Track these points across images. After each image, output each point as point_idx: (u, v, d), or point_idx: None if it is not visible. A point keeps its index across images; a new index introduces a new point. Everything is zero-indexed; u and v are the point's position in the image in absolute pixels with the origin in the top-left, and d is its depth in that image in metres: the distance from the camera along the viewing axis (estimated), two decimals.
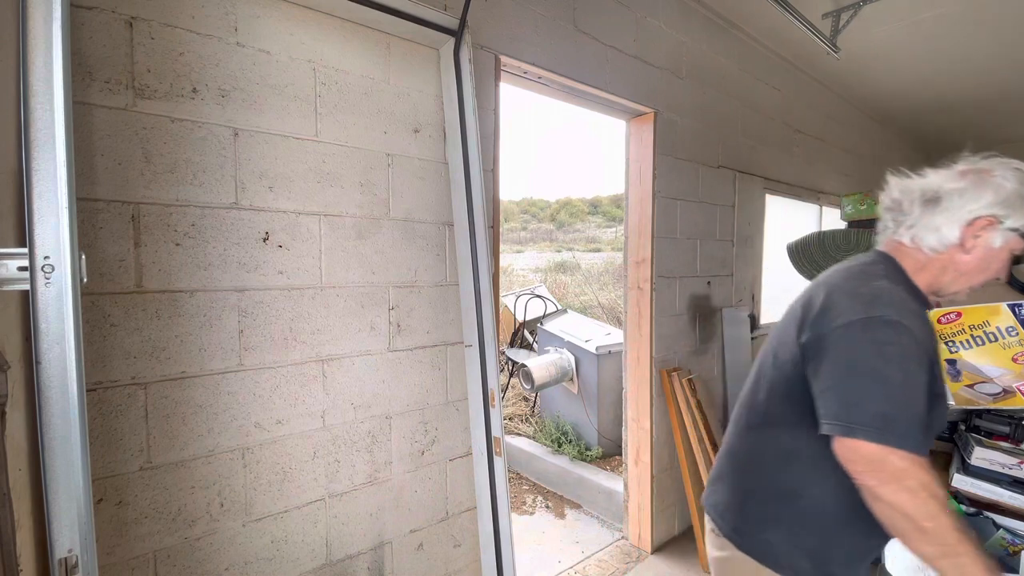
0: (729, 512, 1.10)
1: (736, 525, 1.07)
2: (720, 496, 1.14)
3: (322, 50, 1.46)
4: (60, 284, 0.87)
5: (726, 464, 1.17)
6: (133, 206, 1.17)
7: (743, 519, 1.07)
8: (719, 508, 1.13)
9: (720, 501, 1.14)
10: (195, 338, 1.26)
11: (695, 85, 2.76)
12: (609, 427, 3.52)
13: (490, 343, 1.66)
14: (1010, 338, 1.80)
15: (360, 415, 1.56)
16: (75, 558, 0.88)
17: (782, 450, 1.03)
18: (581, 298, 8.70)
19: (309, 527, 1.46)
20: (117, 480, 1.16)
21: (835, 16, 2.92)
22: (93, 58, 1.12)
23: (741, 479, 1.11)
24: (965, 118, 4.97)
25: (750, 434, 1.11)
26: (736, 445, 1.15)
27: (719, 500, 1.14)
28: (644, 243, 2.57)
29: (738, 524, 1.07)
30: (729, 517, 1.10)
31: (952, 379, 2.02)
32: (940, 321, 1.98)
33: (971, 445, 1.94)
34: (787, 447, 1.02)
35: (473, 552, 1.86)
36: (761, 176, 3.33)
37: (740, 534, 1.06)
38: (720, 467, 1.19)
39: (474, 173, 1.64)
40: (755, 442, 1.09)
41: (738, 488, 1.11)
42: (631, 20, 2.38)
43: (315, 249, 1.46)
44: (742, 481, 1.11)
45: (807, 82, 3.83)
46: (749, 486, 1.09)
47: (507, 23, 1.89)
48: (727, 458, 1.17)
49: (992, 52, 3.43)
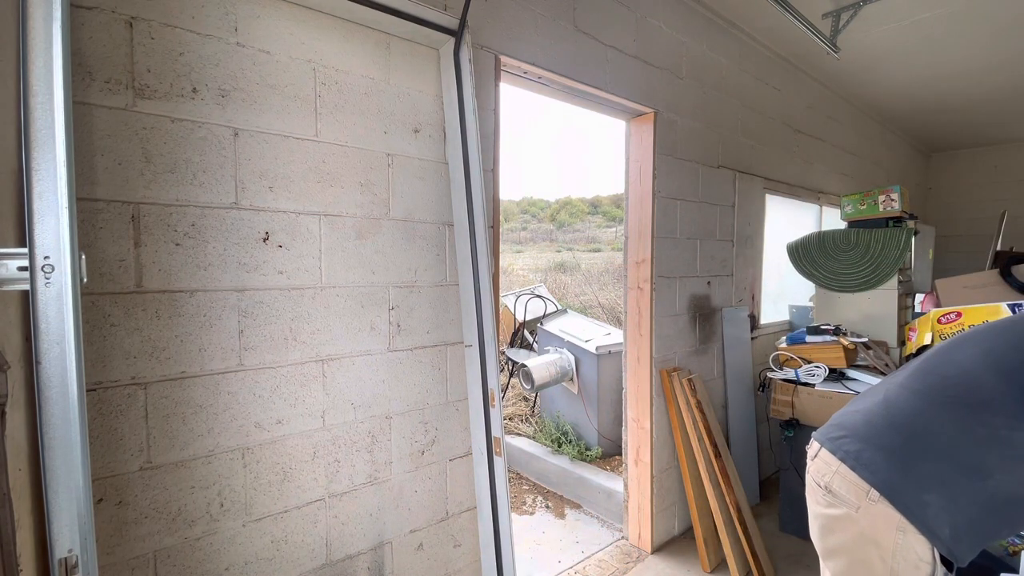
0: (886, 465, 1.13)
1: (892, 479, 1.11)
2: (871, 452, 1.17)
3: (322, 50, 1.46)
4: (60, 284, 0.87)
5: (885, 420, 1.20)
6: (133, 206, 1.17)
7: (904, 474, 1.10)
8: (864, 459, 1.16)
9: (868, 455, 1.16)
10: (195, 338, 1.26)
11: (695, 85, 2.76)
12: (609, 427, 3.52)
13: (490, 343, 1.66)
14: None
15: (360, 415, 1.56)
16: (75, 558, 0.88)
17: (994, 435, 1.07)
18: (581, 298, 8.70)
19: (309, 527, 1.46)
20: (117, 480, 1.16)
21: (835, 16, 2.92)
22: (93, 58, 1.12)
23: (915, 442, 1.14)
24: (965, 118, 4.97)
25: (952, 407, 1.14)
26: (923, 410, 1.18)
27: (866, 455, 1.17)
28: (644, 243, 2.57)
29: (895, 479, 1.10)
30: (884, 469, 1.13)
31: None
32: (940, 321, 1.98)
33: None
34: (1001, 434, 1.06)
35: (473, 552, 1.86)
36: (761, 176, 3.33)
37: (894, 488, 1.09)
38: (874, 421, 1.22)
39: (474, 173, 1.64)
40: (958, 417, 1.13)
41: (908, 448, 1.14)
42: (631, 20, 2.38)
43: (315, 249, 1.46)
44: (915, 443, 1.14)
45: (807, 82, 3.83)
46: (927, 450, 1.12)
47: (507, 23, 1.89)
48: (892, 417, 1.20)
49: (992, 52, 3.43)
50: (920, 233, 3.48)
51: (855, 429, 1.23)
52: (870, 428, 1.21)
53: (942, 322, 1.83)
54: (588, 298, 8.53)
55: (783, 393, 2.68)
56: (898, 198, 2.97)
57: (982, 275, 2.75)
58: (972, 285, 2.65)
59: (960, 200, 6.26)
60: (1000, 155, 5.95)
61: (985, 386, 1.12)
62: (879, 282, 2.97)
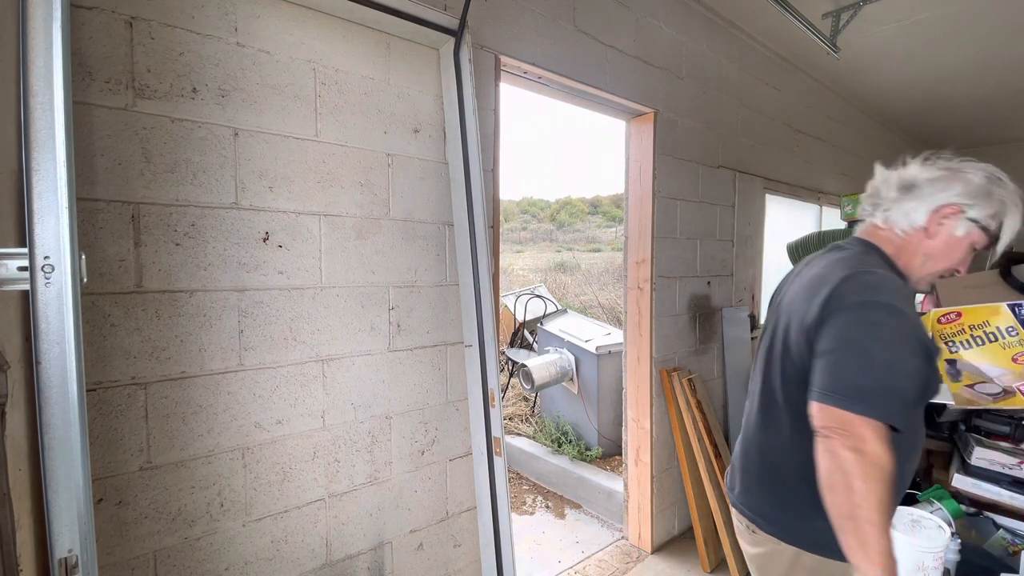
0: (770, 511, 1.12)
1: (784, 523, 1.09)
2: (754, 498, 1.16)
3: (322, 50, 1.46)
4: (60, 284, 0.87)
5: (751, 462, 1.19)
6: (133, 206, 1.17)
7: (790, 515, 1.08)
8: (755, 509, 1.15)
9: (755, 503, 1.16)
10: (195, 338, 1.26)
11: (695, 85, 2.76)
12: (609, 427, 3.52)
13: (490, 343, 1.66)
14: (1010, 338, 1.80)
15: (360, 415, 1.56)
16: (75, 558, 0.88)
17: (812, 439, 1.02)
18: (581, 298, 8.70)
19: (309, 527, 1.46)
20: (117, 480, 1.16)
21: (835, 16, 2.92)
22: (93, 58, 1.12)
23: (775, 475, 1.13)
24: (965, 118, 4.97)
25: (774, 429, 1.13)
26: (763, 441, 1.16)
27: (753, 502, 1.16)
28: (644, 243, 2.57)
29: (786, 522, 1.09)
30: (773, 517, 1.12)
31: (952, 379, 2.02)
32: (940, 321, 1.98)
33: (971, 445, 1.94)
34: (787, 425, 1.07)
35: (473, 552, 1.86)
36: (761, 176, 3.33)
37: (789, 531, 1.08)
38: (745, 465, 1.21)
39: (474, 173, 1.64)
40: (784, 436, 1.10)
41: (775, 486, 1.13)
42: (631, 20, 2.38)
43: (315, 249, 1.46)
44: (777, 478, 1.12)
45: (807, 82, 3.83)
46: (786, 482, 1.10)
47: (507, 23, 1.89)
48: (752, 456, 1.19)
49: (992, 52, 3.43)
50: None
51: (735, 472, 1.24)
52: (745, 473, 1.21)
53: (942, 322, 1.84)
54: (588, 298, 8.53)
55: None
56: None
57: (982, 275, 2.74)
58: (972, 285, 2.65)
59: None
60: (1000, 155, 5.96)
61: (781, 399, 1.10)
62: None
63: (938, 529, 1.45)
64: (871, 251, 1.11)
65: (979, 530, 1.79)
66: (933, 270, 1.08)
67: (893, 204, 1.10)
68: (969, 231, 1.04)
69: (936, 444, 2.50)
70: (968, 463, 1.94)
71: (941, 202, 1.04)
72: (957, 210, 1.03)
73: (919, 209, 1.06)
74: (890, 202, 1.11)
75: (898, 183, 1.11)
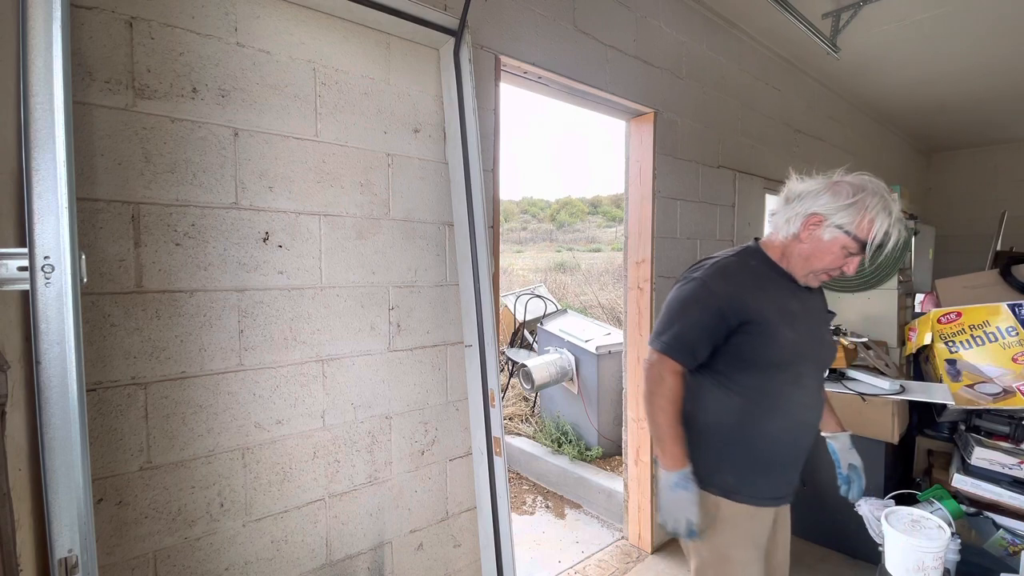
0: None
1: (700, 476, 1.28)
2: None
3: (322, 50, 1.46)
4: (60, 284, 0.87)
5: None
6: (133, 206, 1.17)
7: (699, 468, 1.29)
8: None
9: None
10: (195, 338, 1.26)
11: (695, 85, 2.76)
12: (609, 427, 3.52)
13: (490, 343, 1.66)
14: (1010, 338, 1.80)
15: (360, 415, 1.56)
16: (75, 558, 0.88)
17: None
18: (581, 298, 8.69)
19: (309, 527, 1.46)
20: (117, 480, 1.16)
21: (835, 16, 2.92)
22: (93, 58, 1.12)
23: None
24: (965, 118, 4.97)
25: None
26: None
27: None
28: (644, 243, 2.57)
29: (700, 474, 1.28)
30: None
31: (952, 379, 2.02)
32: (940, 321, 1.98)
33: (971, 445, 1.94)
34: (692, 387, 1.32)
35: (473, 552, 1.86)
36: (761, 176, 3.33)
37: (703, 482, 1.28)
38: None
39: (474, 173, 1.64)
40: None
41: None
42: (631, 20, 2.38)
43: (315, 249, 1.46)
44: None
45: (807, 82, 3.83)
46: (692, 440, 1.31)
47: (507, 23, 1.89)
48: None
49: (992, 52, 3.43)
50: (920, 233, 3.48)
51: None
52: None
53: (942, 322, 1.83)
54: (588, 298, 8.53)
55: None
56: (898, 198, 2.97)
57: (982, 275, 2.75)
58: (972, 285, 2.65)
59: (960, 200, 6.26)
60: (1000, 155, 5.95)
61: None
62: (879, 282, 2.97)
63: (938, 529, 1.45)
64: (751, 251, 1.32)
65: (979, 530, 1.79)
66: (811, 270, 1.24)
67: (778, 214, 1.30)
68: (835, 236, 1.18)
69: (936, 444, 2.51)
70: (968, 463, 1.94)
71: (809, 211, 1.21)
72: (822, 219, 1.19)
73: (795, 219, 1.24)
74: (777, 213, 1.31)
75: (785, 195, 1.31)
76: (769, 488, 1.28)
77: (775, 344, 1.20)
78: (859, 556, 2.43)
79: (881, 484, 2.34)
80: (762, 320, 1.19)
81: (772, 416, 1.23)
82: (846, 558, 2.48)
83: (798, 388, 1.24)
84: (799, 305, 1.26)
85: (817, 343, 1.27)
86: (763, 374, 1.22)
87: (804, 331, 1.23)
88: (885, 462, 2.35)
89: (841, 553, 2.51)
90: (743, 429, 1.25)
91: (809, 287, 1.30)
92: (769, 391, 1.23)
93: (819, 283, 1.28)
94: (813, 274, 1.25)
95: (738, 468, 1.26)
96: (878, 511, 1.67)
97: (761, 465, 1.26)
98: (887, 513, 1.54)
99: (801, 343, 1.22)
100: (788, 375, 1.22)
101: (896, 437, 2.31)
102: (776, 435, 1.25)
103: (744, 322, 1.20)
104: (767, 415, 1.23)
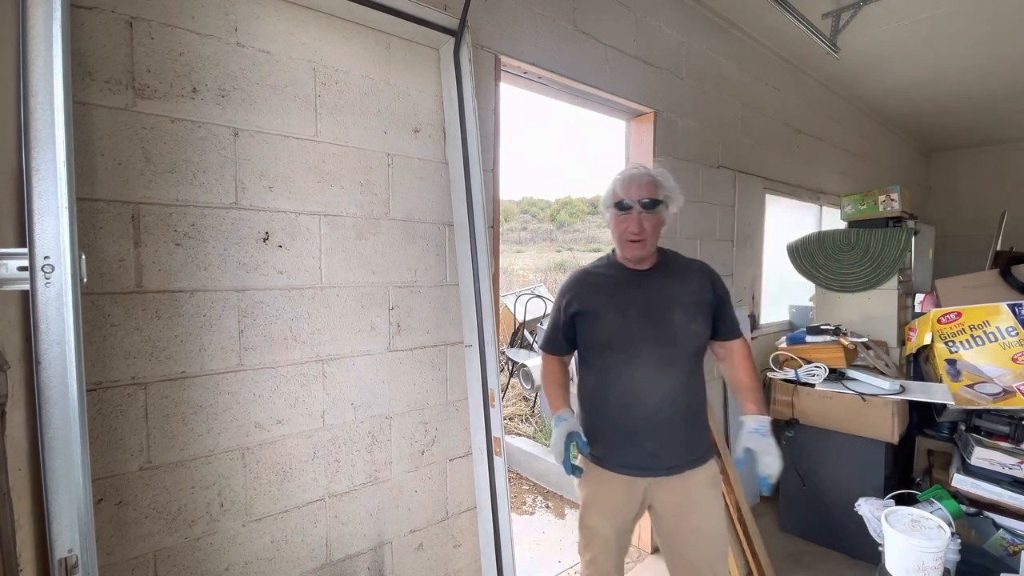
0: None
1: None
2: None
3: (322, 50, 1.46)
4: (60, 284, 0.87)
5: None
6: (133, 206, 1.17)
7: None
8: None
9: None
10: (195, 338, 1.26)
11: (695, 85, 2.76)
12: None
13: (490, 343, 1.66)
14: (1010, 338, 1.79)
15: (360, 415, 1.56)
16: (75, 558, 0.88)
17: None
18: None
19: (309, 527, 1.46)
20: (117, 480, 1.16)
21: (835, 16, 2.92)
22: (93, 58, 1.12)
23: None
24: (965, 118, 4.97)
25: None
26: None
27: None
28: None
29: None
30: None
31: (952, 379, 2.02)
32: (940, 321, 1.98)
33: (971, 445, 1.94)
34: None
35: (473, 552, 1.86)
36: (761, 176, 3.33)
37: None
38: None
39: (474, 173, 1.64)
40: None
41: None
42: (631, 20, 2.38)
43: (315, 249, 1.46)
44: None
45: (807, 82, 3.83)
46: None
47: (507, 23, 1.89)
48: None
49: (992, 52, 3.43)
50: (920, 233, 3.48)
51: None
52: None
53: (942, 322, 1.83)
54: None
55: (783, 393, 2.68)
56: (898, 198, 2.97)
57: (982, 275, 2.75)
58: (972, 285, 2.65)
59: (960, 200, 6.26)
60: (1000, 155, 5.96)
61: None
62: (879, 282, 2.97)
63: (938, 529, 1.45)
64: (605, 258, 1.57)
65: (979, 530, 1.79)
66: (620, 244, 1.46)
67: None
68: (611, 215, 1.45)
69: (936, 444, 2.51)
70: (968, 463, 1.94)
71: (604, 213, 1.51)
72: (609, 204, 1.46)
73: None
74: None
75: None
76: (619, 455, 1.43)
77: (599, 327, 1.43)
78: (859, 556, 2.43)
79: (881, 484, 2.34)
80: (588, 310, 1.45)
81: (610, 389, 1.42)
82: (846, 558, 2.48)
83: (631, 365, 1.39)
84: (640, 293, 1.43)
85: (652, 325, 1.40)
86: (599, 354, 1.44)
87: (637, 315, 1.40)
88: (885, 462, 2.35)
89: (841, 553, 2.51)
90: (592, 400, 1.49)
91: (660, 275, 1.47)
92: (608, 368, 1.43)
93: (636, 254, 1.42)
94: (624, 247, 1.44)
95: (592, 432, 1.45)
96: (878, 511, 1.68)
97: (608, 431, 1.44)
98: (887, 513, 1.54)
99: (631, 326, 1.40)
100: (620, 354, 1.40)
101: (896, 437, 2.31)
102: (616, 406, 1.42)
103: (575, 312, 1.47)
104: (606, 388, 1.43)
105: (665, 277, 1.47)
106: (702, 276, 1.51)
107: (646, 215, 1.37)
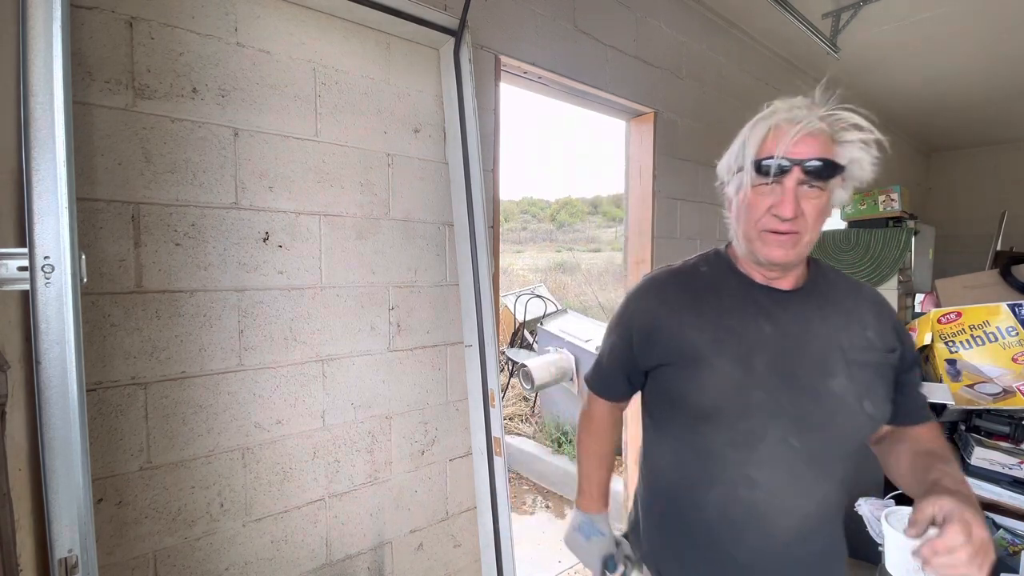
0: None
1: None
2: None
3: (322, 50, 1.46)
4: (60, 284, 0.87)
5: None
6: (133, 206, 1.17)
7: None
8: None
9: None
10: (195, 338, 1.26)
11: (695, 85, 2.76)
12: None
13: (490, 343, 1.66)
14: (1010, 338, 1.79)
15: (360, 415, 1.56)
16: (75, 558, 0.88)
17: None
18: (581, 298, 8.70)
19: (309, 527, 1.46)
20: (117, 480, 1.16)
21: (835, 16, 2.92)
22: (93, 58, 1.12)
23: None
24: (965, 118, 4.97)
25: None
26: None
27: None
28: (644, 243, 2.57)
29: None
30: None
31: (952, 379, 2.02)
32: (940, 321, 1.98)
33: (971, 445, 1.94)
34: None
35: (473, 552, 1.86)
36: None
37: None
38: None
39: (474, 173, 1.64)
40: None
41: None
42: (631, 20, 2.38)
43: (315, 249, 1.46)
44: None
45: (807, 82, 3.83)
46: None
47: (507, 23, 1.89)
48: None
49: (992, 52, 3.43)
50: (920, 233, 3.48)
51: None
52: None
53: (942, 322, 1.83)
54: (588, 298, 8.53)
55: None
56: (898, 198, 2.97)
57: (982, 275, 2.75)
58: (972, 285, 2.65)
59: (960, 200, 6.26)
60: (1000, 155, 5.95)
61: None
62: (879, 282, 2.97)
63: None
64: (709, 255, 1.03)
65: None
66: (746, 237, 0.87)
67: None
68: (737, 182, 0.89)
69: None
70: (968, 463, 1.93)
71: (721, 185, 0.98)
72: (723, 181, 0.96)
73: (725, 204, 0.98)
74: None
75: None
76: None
77: (699, 382, 0.83)
78: (859, 556, 2.43)
79: (881, 484, 2.34)
80: (680, 344, 0.86)
81: (707, 492, 0.85)
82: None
83: (750, 459, 0.81)
84: (775, 332, 0.84)
85: (794, 390, 0.80)
86: (690, 425, 0.86)
87: (767, 369, 0.81)
88: None
89: None
90: (671, 499, 0.92)
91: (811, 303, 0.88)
92: (700, 451, 0.85)
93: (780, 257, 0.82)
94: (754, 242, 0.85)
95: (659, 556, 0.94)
96: (878, 511, 1.67)
97: (694, 564, 0.89)
98: (887, 513, 1.53)
99: (756, 385, 0.81)
100: (727, 432, 0.82)
101: None
102: (716, 523, 0.85)
103: (654, 344, 0.90)
104: (700, 488, 0.86)
105: (818, 308, 0.87)
106: (880, 314, 0.91)
107: (809, 189, 0.79)
